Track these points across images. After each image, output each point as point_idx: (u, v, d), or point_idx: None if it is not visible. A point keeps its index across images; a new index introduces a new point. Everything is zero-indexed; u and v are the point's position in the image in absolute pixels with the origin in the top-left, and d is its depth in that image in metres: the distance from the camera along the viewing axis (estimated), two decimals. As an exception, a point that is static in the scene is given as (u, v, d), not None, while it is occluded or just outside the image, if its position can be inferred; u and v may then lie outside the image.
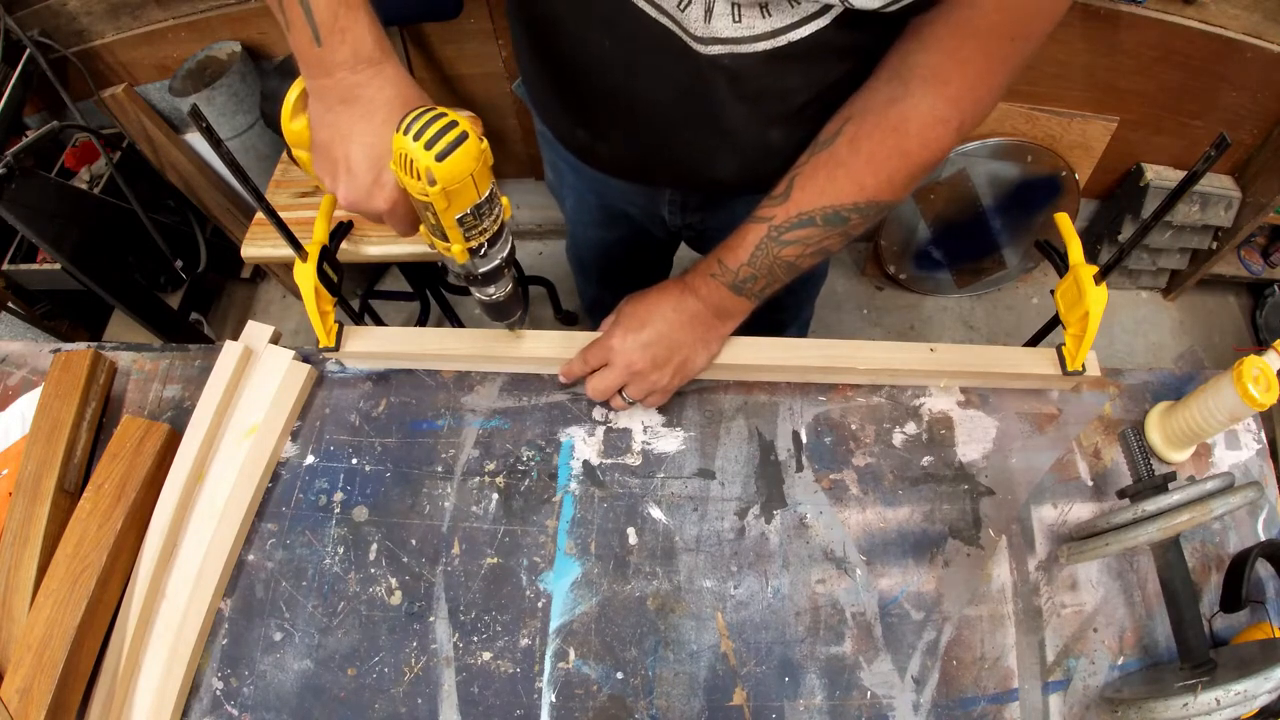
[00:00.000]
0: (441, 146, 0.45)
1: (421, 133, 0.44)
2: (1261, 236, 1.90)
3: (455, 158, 0.45)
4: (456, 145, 0.45)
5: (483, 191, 0.49)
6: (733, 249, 0.64)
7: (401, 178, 0.47)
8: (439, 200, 0.47)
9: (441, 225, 0.50)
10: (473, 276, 0.59)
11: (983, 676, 0.65)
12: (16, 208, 1.36)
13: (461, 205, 0.49)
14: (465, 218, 0.50)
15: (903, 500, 0.71)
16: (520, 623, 0.66)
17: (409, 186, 0.47)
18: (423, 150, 0.44)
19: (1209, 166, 0.56)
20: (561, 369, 0.73)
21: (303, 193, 1.29)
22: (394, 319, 2.01)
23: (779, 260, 0.63)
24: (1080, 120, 1.58)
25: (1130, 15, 1.37)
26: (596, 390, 0.69)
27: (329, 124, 0.52)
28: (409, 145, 0.45)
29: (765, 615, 0.66)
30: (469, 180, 0.47)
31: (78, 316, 1.85)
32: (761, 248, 0.62)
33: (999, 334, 1.98)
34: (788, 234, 0.61)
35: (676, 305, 0.68)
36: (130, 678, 0.62)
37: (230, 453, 0.70)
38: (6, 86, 1.39)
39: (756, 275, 0.64)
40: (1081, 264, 0.70)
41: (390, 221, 0.54)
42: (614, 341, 0.68)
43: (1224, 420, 0.66)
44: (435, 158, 0.45)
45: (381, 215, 0.54)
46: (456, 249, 0.53)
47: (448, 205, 0.48)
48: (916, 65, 0.54)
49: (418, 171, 0.45)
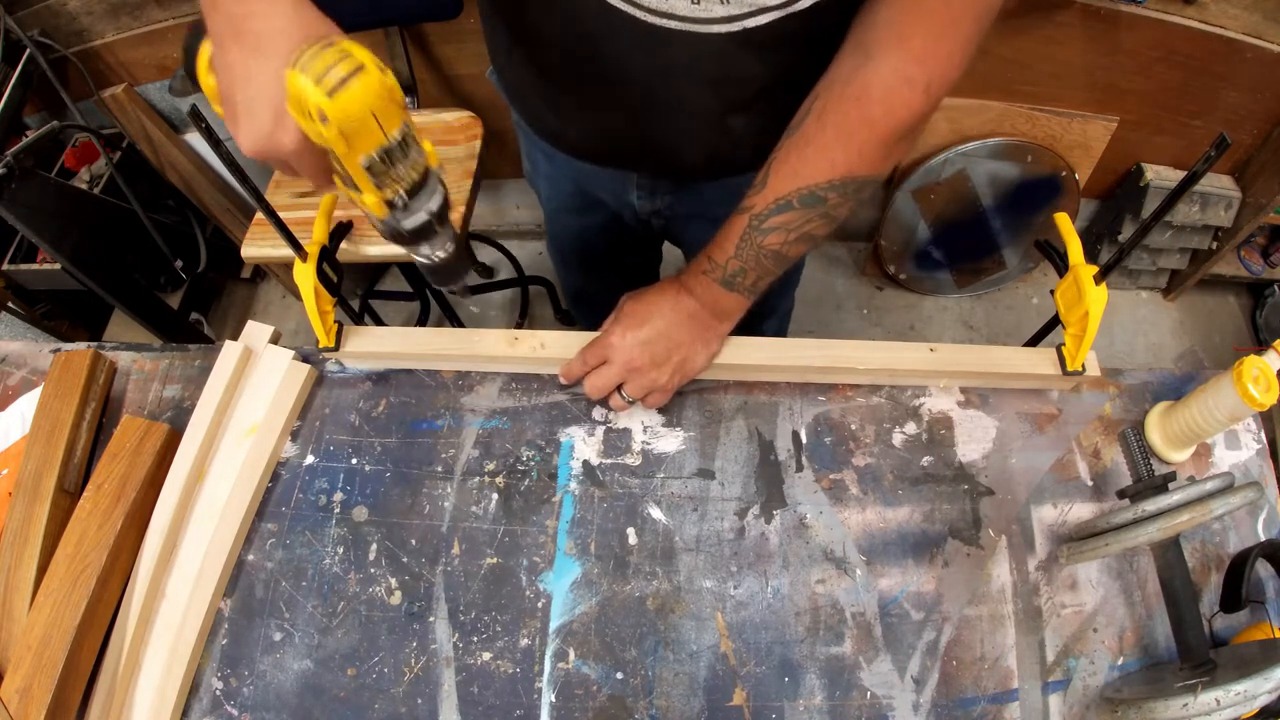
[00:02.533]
0: (332, 81, 0.40)
1: (309, 66, 0.40)
2: (1261, 236, 1.90)
3: (349, 92, 0.41)
4: (350, 78, 0.41)
5: (390, 132, 0.45)
6: (720, 244, 0.64)
7: (298, 120, 0.43)
8: (337, 143, 0.43)
9: (347, 171, 0.46)
10: (399, 234, 0.53)
11: (983, 676, 0.65)
12: (16, 208, 1.36)
13: (365, 147, 0.45)
14: (374, 164, 0.46)
15: (903, 500, 0.71)
16: (520, 623, 0.66)
17: (306, 129, 0.43)
18: (313, 86, 0.40)
19: (1209, 166, 0.56)
20: (561, 369, 0.73)
21: (303, 193, 1.28)
22: (394, 319, 2.01)
23: (764, 250, 0.62)
24: (1080, 120, 1.58)
25: (1130, 15, 1.37)
26: (594, 388, 0.69)
27: (225, 65, 0.47)
28: (298, 81, 0.41)
29: (765, 615, 0.66)
30: (369, 119, 0.43)
31: (78, 316, 1.85)
32: (745, 238, 0.62)
33: (999, 334, 1.98)
34: (768, 221, 0.60)
35: (674, 304, 0.68)
36: (130, 678, 0.62)
37: (230, 453, 0.70)
38: (6, 86, 1.39)
39: (745, 268, 0.64)
40: (1081, 264, 0.70)
41: (301, 169, 0.50)
42: (613, 339, 0.68)
43: (1224, 420, 0.66)
44: (326, 93, 0.40)
45: (290, 162, 0.49)
46: (369, 200, 0.49)
47: (348, 148, 0.44)
48: (877, 25, 0.52)
49: (309, 110, 0.41)
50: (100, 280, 1.55)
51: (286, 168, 0.50)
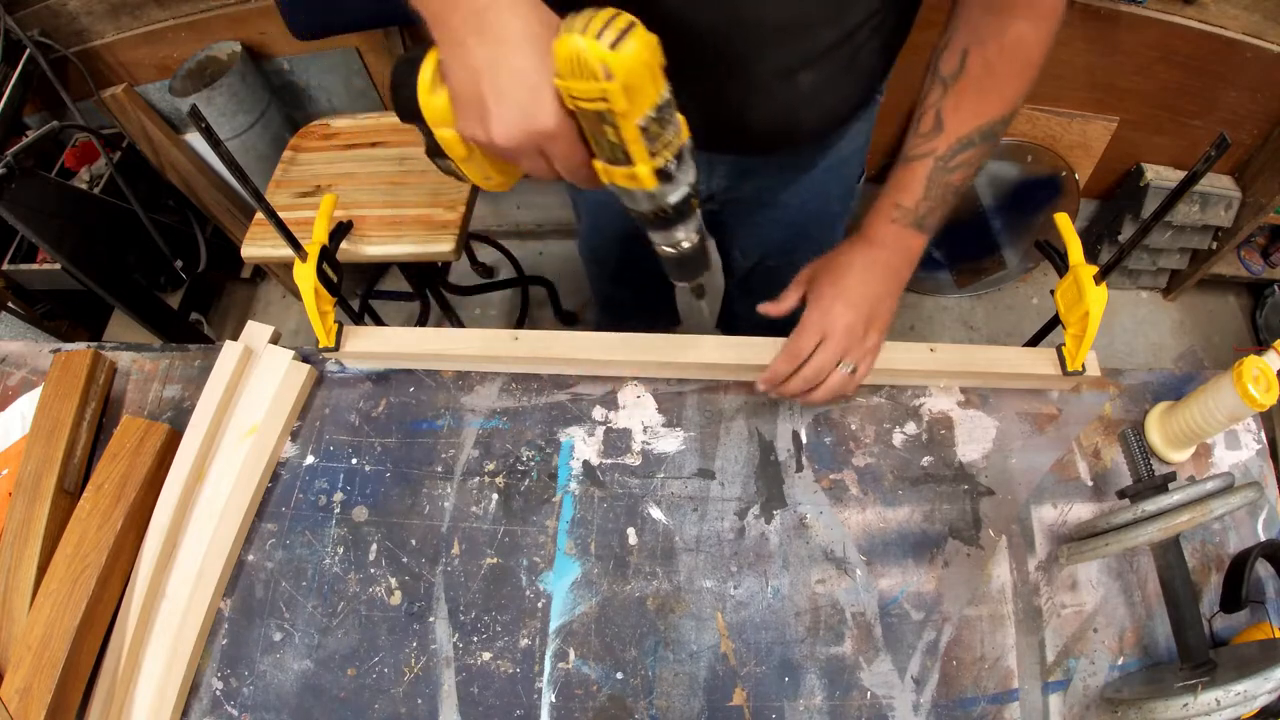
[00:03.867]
0: (613, 34, 0.40)
1: (588, 25, 0.40)
2: (1261, 236, 1.89)
3: (632, 42, 0.40)
4: (628, 30, 0.40)
5: (661, 89, 0.44)
6: (905, 188, 0.67)
7: (571, 86, 0.42)
8: (619, 99, 0.42)
9: (623, 139, 0.45)
10: (662, 213, 0.52)
11: (983, 676, 0.65)
12: (16, 208, 1.36)
13: (643, 105, 0.44)
14: (649, 125, 0.45)
15: (903, 500, 0.71)
16: (520, 623, 0.66)
17: (582, 93, 0.42)
18: (593, 41, 0.40)
19: (1209, 167, 0.56)
20: (764, 377, 0.68)
21: (303, 193, 1.29)
22: (394, 319, 2.01)
23: (949, 186, 0.66)
24: (1080, 120, 1.58)
25: (1130, 15, 1.37)
26: (819, 369, 0.66)
27: (465, 65, 0.47)
28: (576, 41, 0.40)
29: (765, 615, 0.66)
30: (649, 71, 0.42)
31: (78, 316, 1.85)
32: (933, 179, 0.66)
33: (999, 334, 1.98)
34: (954, 159, 0.65)
35: (866, 260, 0.68)
36: (130, 678, 0.62)
37: (230, 453, 0.70)
38: (6, 86, 1.39)
39: (934, 206, 0.67)
40: (1081, 264, 0.70)
41: (558, 153, 0.49)
42: (827, 309, 0.66)
43: (1224, 420, 0.66)
44: (608, 46, 0.40)
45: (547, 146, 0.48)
46: (643, 170, 0.47)
47: (629, 106, 0.43)
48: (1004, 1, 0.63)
49: (591, 70, 0.41)
50: (100, 280, 1.55)
51: (540, 161, 0.49)
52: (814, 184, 0.89)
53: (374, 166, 1.30)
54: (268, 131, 1.59)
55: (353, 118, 1.38)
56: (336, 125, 1.38)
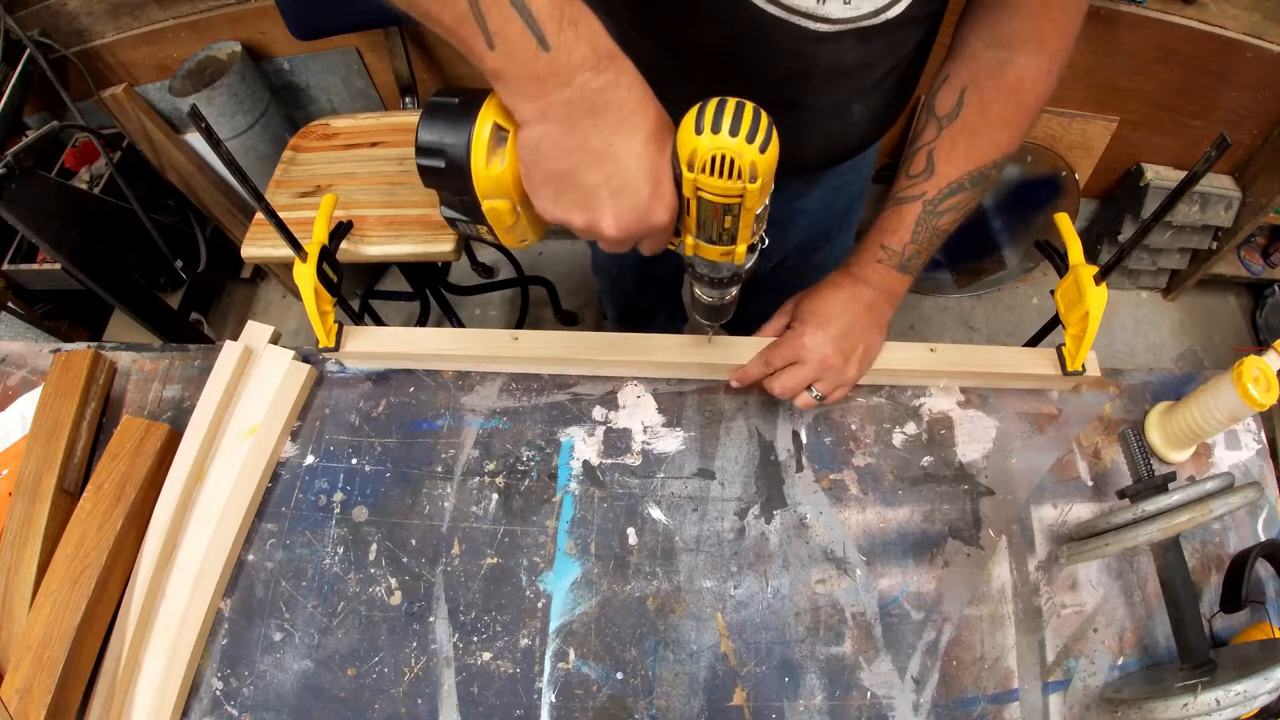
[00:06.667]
0: (761, 137, 0.39)
1: (737, 126, 0.39)
2: (1261, 236, 1.89)
3: (774, 145, 0.39)
4: (771, 131, 0.39)
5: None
6: (892, 231, 0.67)
7: (708, 184, 0.41)
8: (754, 198, 0.41)
9: (738, 226, 0.44)
10: (735, 277, 0.51)
11: (983, 677, 0.65)
12: (16, 208, 1.36)
13: (765, 198, 0.43)
14: (762, 212, 0.44)
15: (903, 500, 0.71)
16: (520, 623, 0.66)
17: (719, 190, 0.41)
18: (744, 144, 0.39)
19: (1209, 167, 0.56)
20: (736, 374, 0.71)
21: (303, 193, 1.28)
22: (394, 319, 2.01)
23: (936, 231, 0.67)
24: (1080, 120, 1.58)
25: (1130, 15, 1.37)
26: (786, 388, 0.68)
27: (575, 147, 0.43)
28: (727, 143, 0.39)
29: (765, 615, 0.66)
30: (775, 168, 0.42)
31: (78, 316, 1.85)
32: (921, 223, 0.66)
33: (999, 334, 1.98)
34: (943, 204, 0.65)
35: (852, 297, 0.69)
36: (130, 678, 0.62)
37: (230, 453, 0.70)
38: (6, 86, 1.39)
39: (920, 250, 0.68)
40: (1081, 264, 0.70)
41: (657, 243, 0.48)
42: (805, 340, 0.67)
43: (1224, 420, 0.66)
44: (759, 149, 0.39)
45: (652, 237, 0.47)
46: (741, 249, 0.47)
47: (758, 202, 0.42)
48: (1015, 33, 0.61)
49: (739, 169, 0.39)
50: (100, 280, 1.55)
51: (639, 239, 0.47)
52: (835, 187, 0.91)
53: (374, 166, 1.30)
54: (268, 131, 1.59)
55: (353, 118, 1.38)
56: (336, 125, 1.37)
